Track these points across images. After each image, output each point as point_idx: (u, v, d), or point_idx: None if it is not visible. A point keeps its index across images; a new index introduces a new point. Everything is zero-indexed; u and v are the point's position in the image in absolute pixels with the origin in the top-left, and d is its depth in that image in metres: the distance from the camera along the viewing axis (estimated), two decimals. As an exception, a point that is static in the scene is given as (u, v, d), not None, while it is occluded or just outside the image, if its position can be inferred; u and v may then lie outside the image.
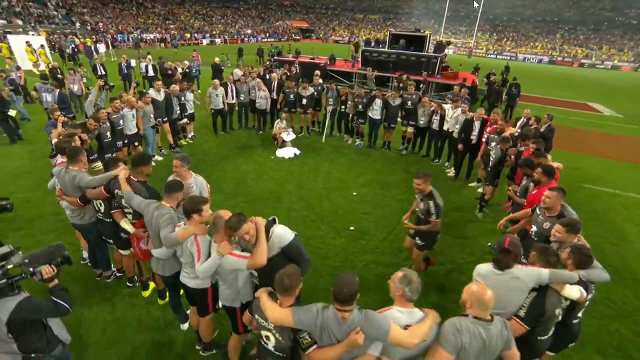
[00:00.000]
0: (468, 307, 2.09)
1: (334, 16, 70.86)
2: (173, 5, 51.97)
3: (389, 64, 15.14)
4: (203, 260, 2.73)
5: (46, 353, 2.35)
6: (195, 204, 2.75)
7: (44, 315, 2.29)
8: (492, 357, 2.11)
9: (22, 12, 32.01)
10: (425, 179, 3.84)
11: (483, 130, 6.68)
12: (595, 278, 2.69)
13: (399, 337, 1.98)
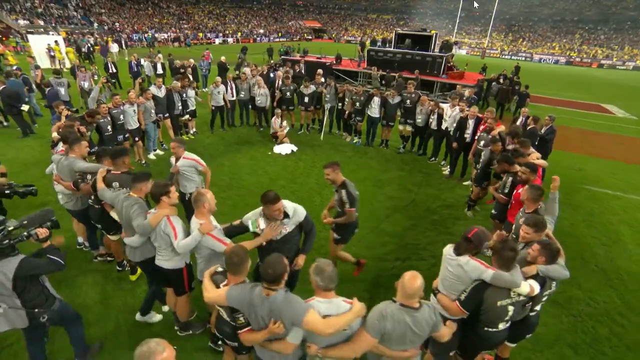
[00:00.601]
0: (398, 294, 2.20)
1: (347, 16, 70.77)
2: (188, 5, 52.91)
3: (394, 63, 15.13)
4: (181, 237, 2.93)
5: (46, 308, 2.71)
6: (162, 188, 2.95)
7: (42, 270, 2.64)
8: (419, 339, 2.24)
9: (43, 13, 33.24)
10: (333, 168, 3.78)
11: (477, 129, 6.69)
12: (554, 274, 2.72)
13: (314, 324, 2.06)
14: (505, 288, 2.47)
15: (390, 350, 2.24)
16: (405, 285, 2.14)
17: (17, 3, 32.48)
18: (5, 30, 28.71)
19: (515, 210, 4.29)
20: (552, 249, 2.69)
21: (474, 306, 2.53)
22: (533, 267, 2.69)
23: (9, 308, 2.55)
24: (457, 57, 35.35)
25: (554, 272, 2.72)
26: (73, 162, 3.98)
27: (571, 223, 6.34)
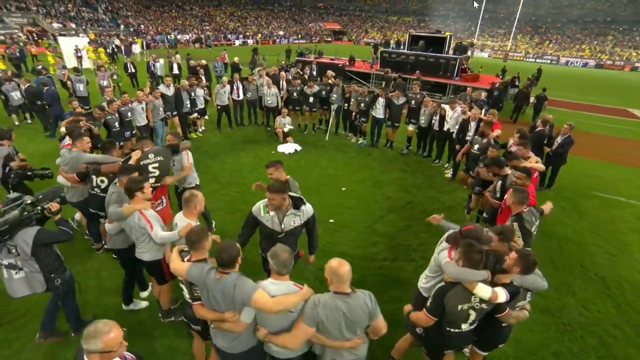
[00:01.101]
0: (329, 284, 2.24)
1: (367, 18, 70.57)
2: (210, 7, 54.26)
3: (407, 65, 15.00)
4: (157, 229, 3.09)
5: (60, 274, 3.14)
6: (136, 184, 3.11)
7: (56, 239, 3.07)
8: (357, 327, 2.27)
9: (75, 17, 35.00)
10: (276, 167, 3.74)
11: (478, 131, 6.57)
12: (530, 285, 2.66)
13: (261, 302, 2.17)
14: (467, 292, 2.42)
15: (331, 341, 2.27)
16: (334, 271, 2.19)
17: (52, 7, 34.38)
18: (41, 33, 30.42)
19: (505, 215, 4.20)
20: (528, 260, 2.56)
21: (439, 311, 2.50)
22: (507, 276, 2.62)
23: (29, 272, 2.97)
24: (477, 60, 34.65)
25: (529, 282, 2.65)
26: (78, 156, 4.25)
27: (575, 230, 6.12)
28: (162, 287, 3.51)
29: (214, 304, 2.32)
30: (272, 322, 2.29)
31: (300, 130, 10.31)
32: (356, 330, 2.28)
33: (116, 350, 1.75)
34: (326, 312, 2.18)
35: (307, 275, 4.52)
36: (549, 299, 4.43)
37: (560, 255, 5.35)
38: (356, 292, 2.24)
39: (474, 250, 2.44)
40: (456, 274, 2.47)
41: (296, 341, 2.25)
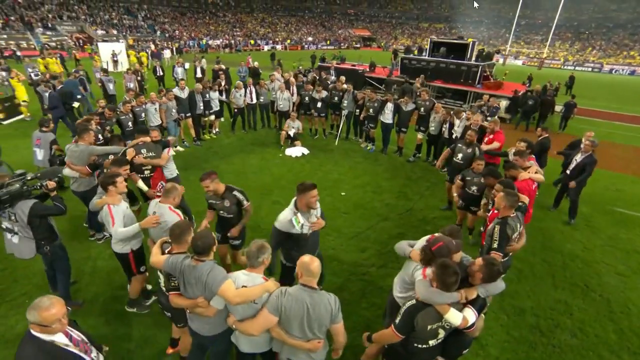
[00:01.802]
0: (299, 277, 2.31)
1: (397, 25, 70.08)
2: (242, 14, 56.11)
3: (427, 72, 14.74)
4: (118, 225, 3.26)
5: (50, 242, 3.59)
6: (109, 178, 3.33)
7: (49, 212, 3.46)
8: (318, 325, 2.29)
9: (117, 24, 37.42)
10: (211, 179, 3.55)
11: (482, 139, 6.37)
12: (493, 291, 2.62)
13: (225, 292, 2.32)
14: (438, 313, 2.33)
15: (290, 337, 2.31)
16: (305, 265, 2.29)
17: (98, 16, 36.99)
18: (87, 39, 32.81)
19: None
20: (493, 270, 2.50)
21: (408, 329, 2.40)
22: (473, 291, 2.52)
23: (23, 237, 3.40)
24: (510, 67, 33.38)
25: (493, 290, 2.60)
26: (87, 149, 4.62)
27: (585, 247, 5.75)
28: (133, 278, 3.70)
29: (189, 291, 2.48)
30: (240, 311, 2.41)
31: (311, 135, 10.40)
32: (316, 330, 2.31)
33: (53, 327, 1.86)
34: (290, 302, 2.25)
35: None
36: (540, 317, 4.20)
37: (563, 273, 5.05)
38: (322, 291, 2.31)
39: (449, 273, 2.32)
40: (427, 297, 2.36)
41: (257, 327, 2.32)
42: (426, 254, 2.65)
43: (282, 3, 63.87)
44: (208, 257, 2.46)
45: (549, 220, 6.45)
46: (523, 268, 5.06)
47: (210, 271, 2.38)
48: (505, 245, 3.36)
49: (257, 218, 5.91)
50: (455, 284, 2.33)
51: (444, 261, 2.40)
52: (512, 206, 3.36)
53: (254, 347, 2.54)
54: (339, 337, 2.41)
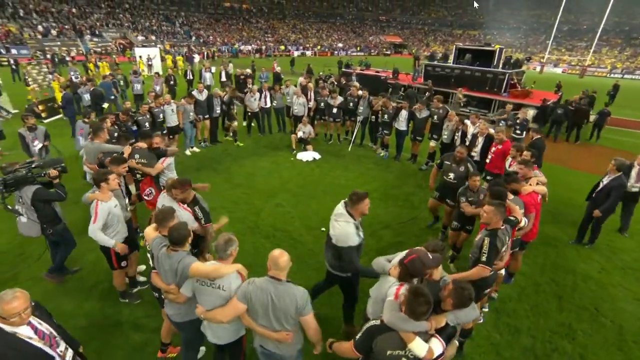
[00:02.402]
0: (268, 269, 2.41)
1: (430, 32, 68.93)
2: (275, 20, 57.49)
3: (451, 79, 14.38)
4: (98, 225, 3.42)
5: (53, 226, 3.98)
6: (102, 175, 3.51)
7: (50, 198, 3.88)
8: (284, 316, 2.38)
9: (156, 30, 39.63)
10: (182, 189, 3.54)
11: (488, 148, 6.12)
12: (464, 319, 2.47)
13: (197, 269, 2.52)
14: (402, 340, 2.16)
15: (258, 325, 2.43)
16: (274, 259, 2.39)
17: (139, 23, 39.40)
18: (128, 44, 34.98)
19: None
20: (463, 295, 2.31)
21: (366, 350, 2.25)
22: (442, 318, 2.36)
23: (29, 219, 3.83)
24: (549, 75, 31.78)
25: (463, 318, 2.44)
26: (99, 146, 4.94)
27: (603, 268, 5.34)
28: (113, 272, 3.86)
29: (162, 275, 2.75)
30: (208, 301, 2.54)
31: (326, 140, 10.45)
32: (283, 321, 2.39)
33: (12, 320, 1.94)
34: (256, 291, 2.38)
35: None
36: (537, 339, 3.95)
37: (572, 294, 4.72)
38: (290, 284, 2.39)
39: (420, 302, 2.13)
40: (392, 321, 2.20)
41: (226, 314, 2.45)
42: (400, 268, 2.51)
43: (314, 9, 64.85)
44: (182, 247, 2.66)
45: (563, 236, 6.06)
46: (527, 286, 4.79)
47: (182, 260, 2.61)
48: (494, 259, 3.21)
49: (257, 219, 6.02)
50: (425, 314, 2.13)
51: (418, 288, 2.20)
52: (502, 218, 3.21)
53: (221, 338, 2.67)
54: (309, 331, 2.46)
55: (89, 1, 38.75)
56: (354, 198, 3.21)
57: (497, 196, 3.61)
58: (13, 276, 4.53)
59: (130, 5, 42.02)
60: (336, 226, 3.27)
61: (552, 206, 6.89)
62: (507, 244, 3.29)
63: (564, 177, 8.50)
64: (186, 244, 2.68)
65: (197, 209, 3.63)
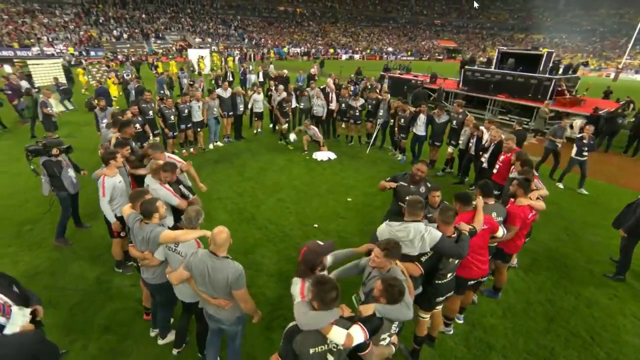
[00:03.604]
0: (210, 244, 2.69)
1: (489, 36, 65.23)
2: (327, 23, 58.36)
3: (490, 85, 13.58)
4: (106, 198, 3.91)
5: (57, 191, 4.77)
6: (110, 154, 4.00)
7: (48, 168, 4.61)
8: (219, 286, 2.65)
9: (213, 32, 42.38)
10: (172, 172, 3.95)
11: (497, 157, 5.78)
12: (394, 316, 2.39)
13: (166, 236, 2.93)
14: (320, 334, 2.13)
15: (201, 291, 2.75)
16: (213, 236, 2.64)
17: (198, 26, 42.47)
18: (187, 46, 37.87)
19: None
20: (393, 292, 2.31)
21: (290, 356, 2.18)
22: (370, 308, 2.35)
23: (45, 182, 4.71)
24: (623, 83, 28.43)
25: (393, 312, 2.38)
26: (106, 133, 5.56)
27: (616, 294, 4.80)
28: (113, 240, 4.34)
29: (137, 245, 3.15)
30: (173, 266, 2.97)
31: (347, 141, 10.51)
32: (219, 291, 2.67)
33: None
34: (196, 262, 2.68)
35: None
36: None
37: (568, 318, 4.30)
38: (227, 260, 2.64)
39: (327, 289, 2.13)
40: (305, 323, 2.14)
41: (174, 278, 2.83)
42: (297, 266, 2.53)
43: (367, 13, 64.75)
44: (151, 220, 3.06)
45: (577, 255, 5.54)
46: (516, 303, 4.47)
47: (152, 230, 2.99)
48: (436, 266, 3.10)
49: (256, 211, 6.30)
50: (335, 299, 2.14)
51: (321, 277, 2.22)
52: (447, 222, 3.07)
53: (182, 296, 3.14)
54: (240, 304, 2.70)
55: (157, 7, 42.67)
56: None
57: (462, 200, 3.49)
58: (40, 241, 5.25)
59: (192, 10, 45.47)
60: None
61: (577, 225, 6.34)
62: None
63: (606, 194, 7.76)
64: (154, 218, 3.06)
65: (181, 187, 4.09)
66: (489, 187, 3.85)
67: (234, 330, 2.95)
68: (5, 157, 8.38)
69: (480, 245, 3.53)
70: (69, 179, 4.79)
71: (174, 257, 2.99)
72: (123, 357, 3.45)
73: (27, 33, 31.26)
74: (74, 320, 3.85)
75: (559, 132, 8.23)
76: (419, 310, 3.36)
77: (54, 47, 30.42)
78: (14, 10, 33.27)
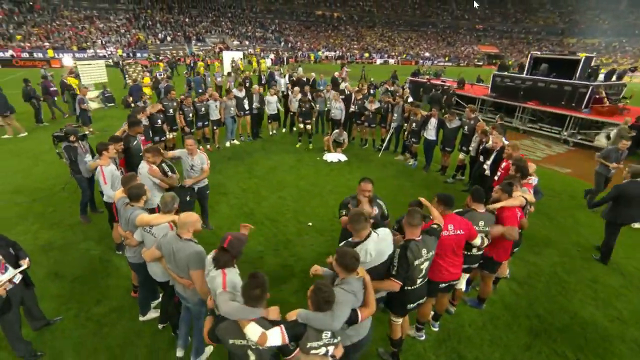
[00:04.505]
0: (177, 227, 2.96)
1: (535, 41, 61.73)
2: (364, 28, 58.26)
3: (519, 91, 12.92)
4: (108, 184, 4.30)
5: (74, 174, 5.45)
6: (103, 146, 4.39)
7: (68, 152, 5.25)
8: (181, 266, 2.87)
9: (250, 36, 43.91)
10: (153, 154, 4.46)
11: (499, 164, 5.56)
12: (315, 324, 2.26)
13: (142, 219, 3.24)
14: (238, 326, 2.20)
15: (170, 270, 3.01)
16: (179, 220, 2.92)
17: (237, 30, 44.21)
18: (225, 48, 39.54)
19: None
20: (319, 297, 2.23)
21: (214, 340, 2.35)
22: (294, 313, 2.34)
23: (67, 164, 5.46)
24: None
25: (316, 321, 2.27)
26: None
27: (619, 317, 4.45)
28: (114, 224, 4.71)
29: (123, 226, 3.50)
30: (148, 245, 3.27)
31: (361, 144, 10.52)
32: (181, 270, 2.90)
33: None
34: (165, 243, 2.96)
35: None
36: (479, 371, 3.59)
37: (555, 336, 4.07)
38: (190, 243, 2.87)
39: (251, 285, 2.18)
40: (225, 311, 2.24)
41: (147, 256, 3.13)
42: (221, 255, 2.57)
43: (405, 18, 63.87)
44: (138, 203, 3.41)
45: (584, 272, 5.20)
46: (501, 316, 4.30)
47: (133, 212, 3.31)
48: (405, 272, 3.07)
49: (256, 208, 6.53)
50: (260, 297, 2.18)
51: (253, 273, 2.25)
52: (412, 225, 3.06)
53: (154, 275, 3.40)
54: (195, 284, 2.87)
55: (200, 12, 45.06)
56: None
57: (444, 202, 3.44)
58: (59, 221, 5.84)
59: (233, 14, 47.45)
60: None
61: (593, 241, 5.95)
62: (425, 257, 3.11)
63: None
64: (141, 201, 3.41)
65: (164, 165, 4.63)
66: (480, 192, 3.76)
67: (197, 310, 3.16)
68: (46, 146, 9.32)
69: (453, 250, 3.47)
70: (84, 164, 5.28)
71: (148, 237, 3.28)
72: (106, 328, 3.78)
73: (85, 37, 34.30)
74: (73, 291, 4.28)
75: (614, 154, 6.78)
76: (390, 314, 3.38)
77: (106, 49, 33.11)
78: (76, 17, 36.64)
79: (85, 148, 5.39)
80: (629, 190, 4.99)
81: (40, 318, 3.69)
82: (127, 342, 3.62)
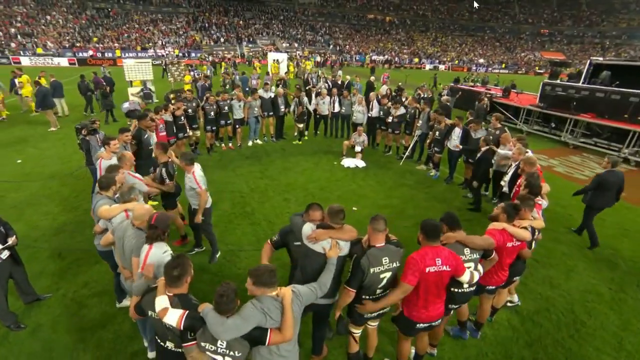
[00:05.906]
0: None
1: (613, 46, 55.36)
2: (416, 32, 56.60)
3: (572, 102, 11.58)
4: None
5: (88, 164, 6.00)
6: (107, 139, 4.66)
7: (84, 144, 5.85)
8: (127, 251, 3.02)
9: (300, 38, 44.77)
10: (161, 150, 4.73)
11: (516, 180, 4.98)
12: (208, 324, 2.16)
13: (100, 212, 3.39)
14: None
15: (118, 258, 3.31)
16: (133, 210, 3.10)
17: (287, 32, 45.34)
18: (275, 50, 40.74)
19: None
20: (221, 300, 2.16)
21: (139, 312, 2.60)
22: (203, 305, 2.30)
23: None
24: None
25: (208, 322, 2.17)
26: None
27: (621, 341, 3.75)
28: None
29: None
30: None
31: (385, 151, 10.16)
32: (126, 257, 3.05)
33: None
34: (119, 228, 3.17)
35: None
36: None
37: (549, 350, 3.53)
38: (141, 232, 2.98)
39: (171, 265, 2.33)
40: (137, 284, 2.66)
41: (103, 240, 3.47)
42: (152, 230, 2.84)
43: (461, 22, 60.94)
44: (106, 193, 3.57)
45: (609, 312, 4.47)
46: (488, 352, 3.81)
47: (97, 203, 3.51)
48: (359, 282, 2.84)
49: (258, 208, 6.56)
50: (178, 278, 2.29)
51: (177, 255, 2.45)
52: (378, 230, 2.79)
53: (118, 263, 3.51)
54: (133, 270, 2.96)
55: (254, 14, 46.94)
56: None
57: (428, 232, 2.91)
58: (77, 207, 6.33)
59: (285, 17, 48.74)
60: None
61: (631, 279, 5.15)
62: (387, 268, 2.84)
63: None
64: (110, 190, 3.57)
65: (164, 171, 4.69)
66: (455, 218, 3.17)
67: None
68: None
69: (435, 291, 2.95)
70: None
71: (109, 225, 3.44)
72: (85, 309, 4.00)
73: (149, 38, 37.41)
74: (68, 272, 4.59)
75: None
76: (349, 324, 3.20)
77: (164, 49, 35.80)
78: (143, 21, 40.14)
79: (100, 141, 5.78)
80: (607, 178, 5.42)
81: (30, 293, 3.99)
82: (98, 326, 3.78)
